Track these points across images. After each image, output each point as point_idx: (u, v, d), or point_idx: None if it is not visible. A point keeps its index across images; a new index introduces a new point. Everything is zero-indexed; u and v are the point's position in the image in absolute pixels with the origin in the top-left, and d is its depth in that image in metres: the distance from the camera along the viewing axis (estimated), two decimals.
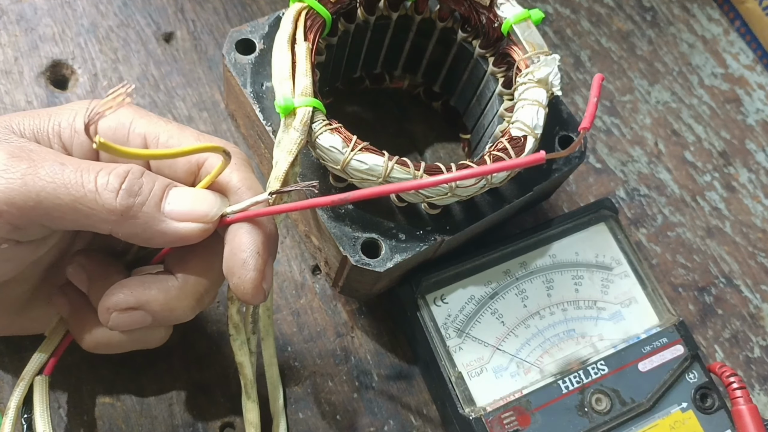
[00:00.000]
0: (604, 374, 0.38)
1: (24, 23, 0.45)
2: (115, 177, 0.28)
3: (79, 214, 0.28)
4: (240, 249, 0.29)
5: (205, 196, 0.29)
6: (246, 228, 0.29)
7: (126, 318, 0.30)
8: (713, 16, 0.57)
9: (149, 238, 0.29)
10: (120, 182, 0.28)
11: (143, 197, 0.28)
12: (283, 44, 0.35)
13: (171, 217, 0.29)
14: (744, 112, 0.54)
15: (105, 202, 0.28)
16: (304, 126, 0.33)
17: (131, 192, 0.28)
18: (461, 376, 0.37)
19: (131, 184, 0.28)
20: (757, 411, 0.38)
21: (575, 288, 0.40)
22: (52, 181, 0.27)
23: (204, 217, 0.29)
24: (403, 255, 0.35)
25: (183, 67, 0.46)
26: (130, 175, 0.28)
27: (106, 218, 0.28)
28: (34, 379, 0.34)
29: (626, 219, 0.48)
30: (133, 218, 0.28)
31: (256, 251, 0.29)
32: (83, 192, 0.27)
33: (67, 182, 0.27)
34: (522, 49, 0.38)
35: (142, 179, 0.29)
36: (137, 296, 0.30)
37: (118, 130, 0.31)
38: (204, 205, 0.29)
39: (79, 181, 0.27)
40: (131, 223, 0.28)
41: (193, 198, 0.29)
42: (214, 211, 0.29)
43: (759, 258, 0.49)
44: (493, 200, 0.38)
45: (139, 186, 0.28)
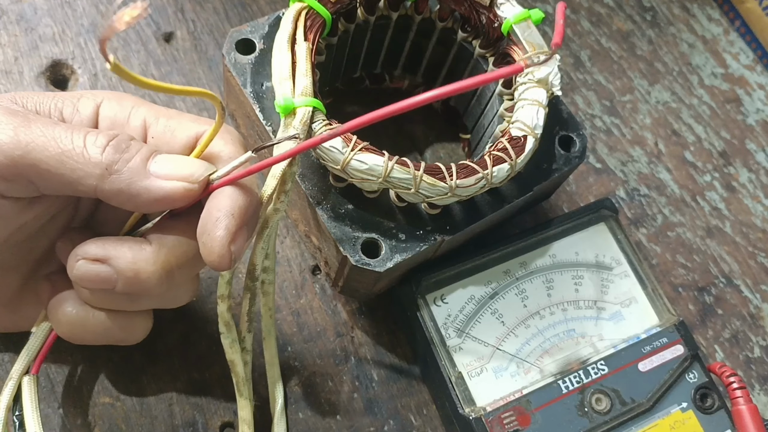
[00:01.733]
0: (604, 374, 0.38)
1: (24, 23, 0.45)
2: (103, 136, 0.29)
3: (65, 168, 0.28)
4: (216, 208, 0.29)
5: (192, 160, 0.30)
6: (227, 191, 0.30)
7: (92, 269, 0.30)
8: (713, 16, 0.57)
9: (134, 196, 0.29)
10: (108, 140, 0.29)
11: (129, 154, 0.29)
12: (283, 44, 0.35)
13: (156, 175, 0.29)
14: (744, 112, 0.54)
15: (91, 156, 0.28)
16: (304, 126, 0.33)
17: (118, 148, 0.29)
18: (461, 376, 0.37)
19: (119, 142, 0.29)
20: (757, 411, 0.38)
21: (575, 288, 0.40)
22: (43, 134, 0.28)
23: (189, 177, 0.29)
24: (403, 255, 0.35)
25: (183, 67, 0.46)
26: (119, 136, 0.29)
27: (90, 172, 0.28)
28: (21, 379, 0.34)
29: (626, 219, 0.48)
30: (117, 173, 0.28)
31: (230, 212, 0.29)
32: (71, 146, 0.28)
33: (57, 137, 0.28)
34: (522, 49, 0.38)
35: (130, 141, 0.29)
36: (107, 249, 0.30)
37: (119, 114, 0.31)
38: (190, 166, 0.30)
39: (69, 137, 0.28)
40: (115, 178, 0.28)
41: (179, 160, 0.30)
42: (200, 172, 0.30)
43: (759, 258, 0.49)
44: (493, 200, 0.38)
45: (127, 145, 0.29)
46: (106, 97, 0.32)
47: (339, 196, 0.36)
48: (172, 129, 0.32)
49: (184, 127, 0.32)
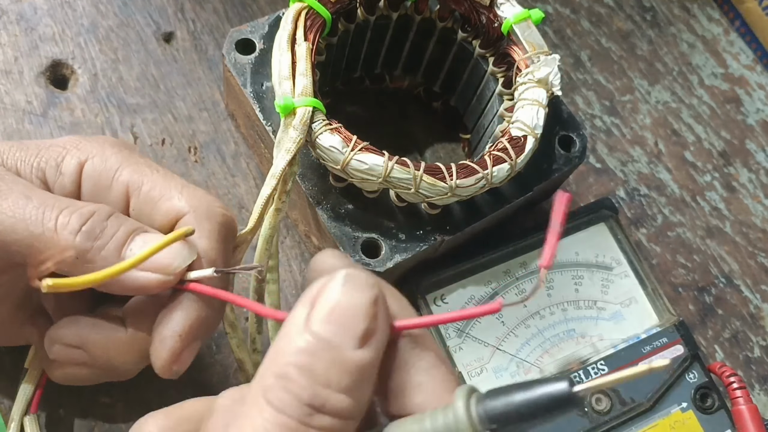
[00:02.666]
0: (604, 374, 0.38)
1: (24, 23, 0.45)
2: (77, 217, 0.27)
3: (35, 251, 0.27)
4: (166, 325, 0.28)
5: (170, 248, 0.28)
6: (183, 305, 0.29)
7: (67, 353, 0.30)
8: (713, 16, 0.57)
9: (106, 284, 0.28)
10: (81, 223, 0.27)
11: (103, 241, 0.27)
12: (283, 44, 0.35)
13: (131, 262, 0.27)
14: (744, 112, 0.54)
15: (62, 243, 0.27)
16: (304, 125, 0.33)
17: (91, 234, 0.27)
18: (461, 376, 0.37)
19: (93, 226, 0.27)
20: (757, 411, 0.38)
21: (575, 288, 0.40)
22: (12, 215, 0.27)
23: (166, 268, 0.28)
24: (403, 255, 0.35)
25: (183, 67, 0.46)
26: (94, 217, 0.27)
27: (62, 259, 0.27)
28: (23, 420, 0.34)
29: (626, 219, 0.48)
30: (90, 262, 0.27)
31: (178, 333, 0.28)
32: (41, 230, 0.27)
33: (27, 217, 0.27)
34: (522, 49, 0.38)
35: (106, 222, 0.28)
36: (82, 337, 0.30)
37: (102, 176, 0.30)
38: (167, 256, 0.28)
39: (39, 218, 0.27)
40: (87, 267, 0.27)
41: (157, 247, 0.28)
42: (177, 263, 0.28)
43: (759, 258, 0.49)
44: (493, 200, 0.38)
45: (102, 229, 0.27)
46: (91, 154, 0.30)
47: (339, 196, 0.36)
48: (154, 201, 0.30)
49: (166, 202, 0.30)
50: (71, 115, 0.43)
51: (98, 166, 0.30)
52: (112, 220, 0.28)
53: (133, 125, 0.44)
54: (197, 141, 0.44)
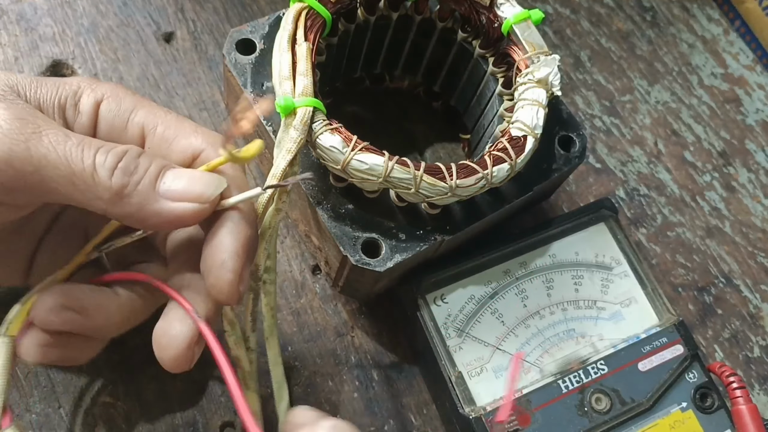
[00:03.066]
0: (604, 374, 0.38)
1: (24, 23, 0.45)
2: (113, 156, 0.28)
3: (75, 189, 0.28)
4: (220, 249, 0.29)
5: (202, 176, 0.29)
6: (228, 228, 0.29)
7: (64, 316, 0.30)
8: (713, 16, 0.57)
9: (144, 218, 0.29)
10: (116, 161, 0.28)
11: (138, 176, 0.28)
12: (284, 44, 0.35)
13: (166, 196, 0.28)
14: (744, 112, 0.54)
15: (101, 180, 0.28)
16: (304, 125, 0.33)
17: (127, 171, 0.28)
18: (461, 375, 0.37)
19: (127, 163, 0.28)
20: (756, 411, 0.38)
21: (575, 288, 0.40)
22: (54, 150, 0.27)
23: (200, 197, 0.29)
24: (403, 255, 0.35)
25: (183, 67, 0.46)
26: (127, 155, 0.28)
27: (100, 196, 0.28)
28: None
29: (626, 219, 0.48)
30: (128, 197, 0.28)
31: (235, 252, 0.29)
32: (81, 167, 0.27)
33: (68, 154, 0.27)
34: (522, 49, 0.38)
35: (138, 159, 0.29)
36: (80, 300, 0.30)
37: (118, 118, 0.31)
38: (200, 184, 0.29)
39: (80, 156, 0.27)
40: (125, 202, 0.28)
41: (189, 177, 0.29)
42: (210, 191, 0.29)
43: (759, 258, 0.49)
44: (493, 200, 0.38)
45: (135, 165, 0.28)
46: (106, 94, 0.31)
47: (339, 196, 0.36)
48: (169, 141, 0.31)
49: (182, 140, 0.31)
50: None
51: (113, 107, 0.31)
52: (143, 157, 0.29)
53: None
54: None
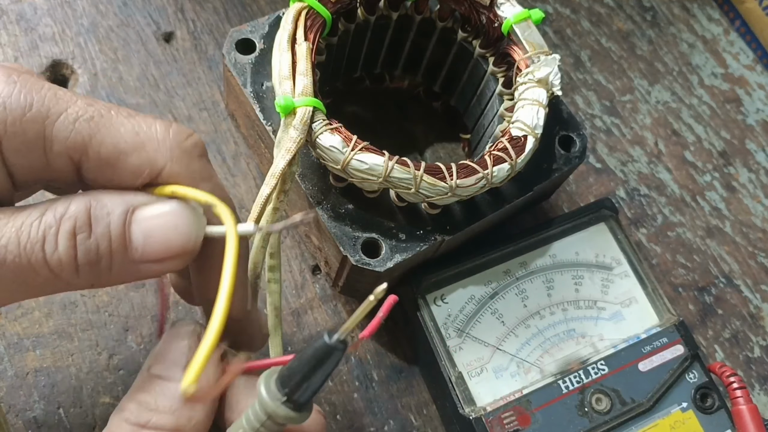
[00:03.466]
0: (604, 374, 0.38)
1: (24, 23, 0.45)
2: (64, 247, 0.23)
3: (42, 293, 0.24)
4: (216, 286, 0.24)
5: (176, 223, 0.24)
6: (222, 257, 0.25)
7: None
8: (713, 16, 0.57)
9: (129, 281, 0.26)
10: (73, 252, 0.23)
11: (106, 258, 0.23)
12: (284, 44, 0.35)
13: (144, 260, 0.24)
14: (744, 112, 0.54)
15: (67, 281, 0.23)
16: (304, 125, 0.33)
17: (90, 260, 0.23)
18: (461, 376, 0.37)
19: (86, 250, 0.23)
20: (757, 411, 0.38)
21: (575, 288, 0.40)
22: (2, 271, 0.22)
23: (181, 250, 0.24)
24: (403, 255, 0.35)
25: (183, 67, 0.46)
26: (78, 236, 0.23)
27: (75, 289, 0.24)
28: None
29: (626, 219, 0.48)
30: (106, 283, 0.24)
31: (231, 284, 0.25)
32: (42, 280, 0.23)
33: (16, 269, 0.22)
34: (522, 49, 0.38)
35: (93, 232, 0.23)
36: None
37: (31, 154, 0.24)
38: (179, 235, 0.24)
39: (28, 268, 0.22)
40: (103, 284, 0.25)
41: (163, 230, 0.24)
42: (192, 240, 0.24)
43: (759, 258, 0.49)
44: (493, 200, 0.38)
45: (96, 245, 0.23)
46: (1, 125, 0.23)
47: (339, 196, 0.36)
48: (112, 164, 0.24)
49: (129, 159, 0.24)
50: None
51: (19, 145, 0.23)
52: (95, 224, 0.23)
53: None
54: None
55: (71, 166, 0.24)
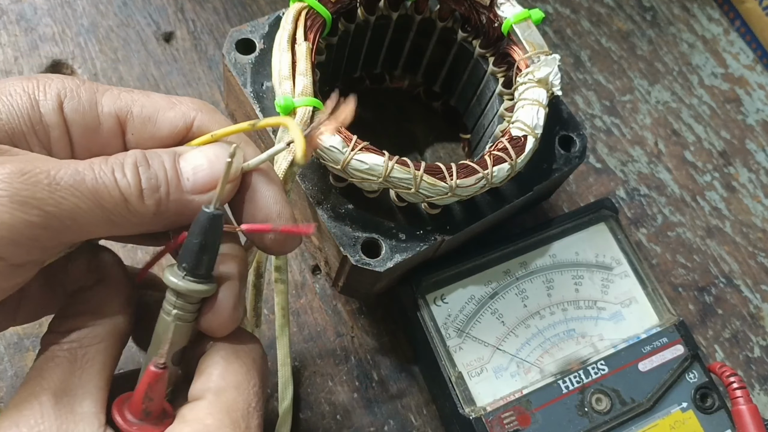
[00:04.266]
0: (604, 374, 0.38)
1: (24, 23, 0.45)
2: (131, 174, 0.26)
3: (112, 225, 0.26)
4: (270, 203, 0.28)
5: (217, 153, 0.28)
6: (264, 179, 0.29)
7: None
8: (713, 16, 0.57)
9: (182, 221, 0.28)
10: (138, 179, 0.26)
11: (164, 186, 0.27)
12: (284, 44, 0.35)
13: (196, 190, 0.27)
14: (744, 112, 0.54)
15: (137, 208, 0.26)
16: (304, 125, 0.33)
17: (153, 187, 0.26)
18: (461, 376, 0.37)
19: (148, 177, 0.27)
20: (757, 411, 0.38)
21: (575, 288, 0.40)
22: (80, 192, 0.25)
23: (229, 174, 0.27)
24: (403, 255, 0.35)
25: (183, 67, 0.46)
26: (140, 167, 0.27)
27: (139, 222, 0.27)
28: None
29: (626, 219, 0.48)
30: (165, 212, 0.27)
31: (284, 200, 0.28)
32: (113, 201, 0.26)
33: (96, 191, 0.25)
34: (522, 49, 0.38)
35: (150, 165, 0.27)
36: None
37: (87, 115, 0.28)
38: (221, 163, 0.27)
39: (105, 187, 0.26)
40: (164, 217, 0.27)
41: (208, 162, 0.27)
42: (234, 167, 0.27)
43: (759, 258, 0.49)
44: (493, 200, 0.38)
45: (155, 174, 0.27)
46: (61, 91, 0.28)
47: (339, 196, 0.36)
48: (153, 120, 0.29)
49: (166, 113, 0.29)
50: None
51: (76, 104, 0.28)
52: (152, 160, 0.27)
53: None
54: None
55: (118, 128, 0.29)
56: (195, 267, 0.27)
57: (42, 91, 0.28)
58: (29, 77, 0.28)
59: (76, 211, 0.25)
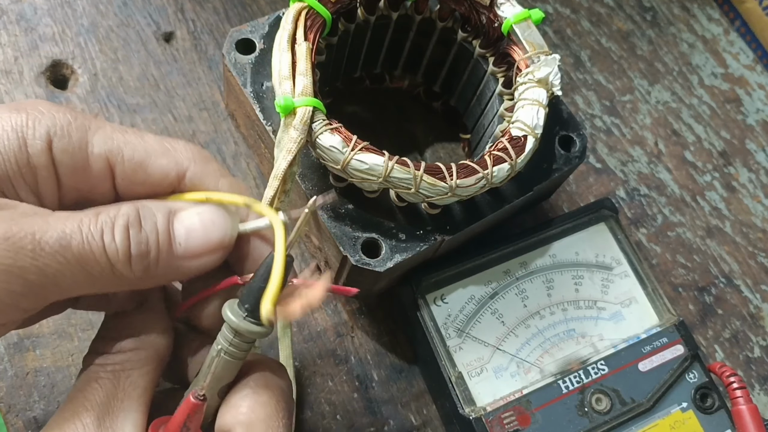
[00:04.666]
0: (604, 374, 0.38)
1: (24, 23, 0.45)
2: (121, 238, 0.25)
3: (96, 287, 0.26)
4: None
5: (213, 219, 0.27)
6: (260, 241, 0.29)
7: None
8: (713, 16, 0.57)
9: (166, 281, 0.27)
10: (127, 243, 0.25)
11: (154, 251, 0.26)
12: (284, 44, 0.35)
13: (186, 256, 0.27)
14: (744, 112, 0.54)
15: (123, 274, 0.26)
16: (304, 125, 0.33)
17: (142, 252, 0.26)
18: (461, 376, 0.37)
19: (138, 243, 0.26)
20: (757, 411, 0.38)
21: (575, 288, 0.40)
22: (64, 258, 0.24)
23: (220, 244, 0.27)
24: (403, 255, 0.35)
25: (183, 67, 0.46)
26: (131, 230, 0.26)
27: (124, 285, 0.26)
28: None
29: (626, 219, 0.48)
30: (152, 277, 0.26)
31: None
32: (99, 267, 0.25)
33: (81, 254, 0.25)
34: (522, 49, 0.38)
35: (142, 228, 0.26)
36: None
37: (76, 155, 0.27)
38: (216, 230, 0.27)
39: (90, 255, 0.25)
40: (150, 281, 0.27)
41: (203, 226, 0.27)
42: (228, 234, 0.27)
43: (759, 258, 0.49)
44: (493, 200, 0.38)
45: (146, 239, 0.26)
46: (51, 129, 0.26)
47: (339, 196, 0.36)
48: (143, 165, 0.28)
49: (158, 160, 0.28)
50: None
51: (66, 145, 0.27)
52: (144, 222, 0.26)
53: (133, 125, 0.44)
54: (197, 141, 0.44)
55: (108, 171, 0.28)
56: (257, 309, 0.26)
57: (31, 128, 0.26)
58: (19, 108, 0.27)
59: (59, 277, 0.24)
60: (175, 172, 0.28)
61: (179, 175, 0.28)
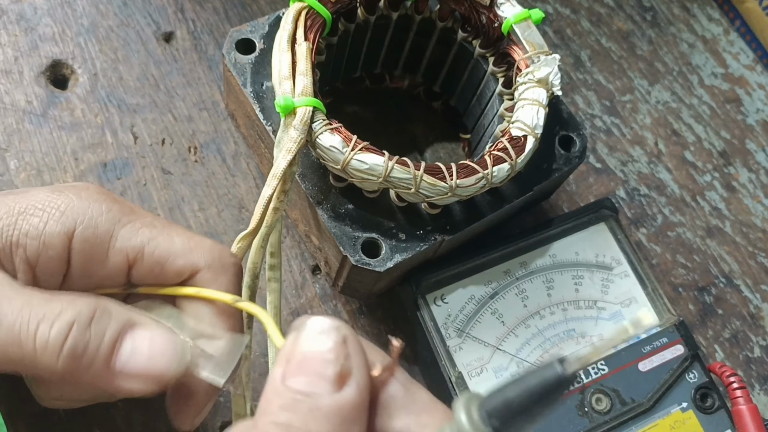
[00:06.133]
0: (604, 374, 0.38)
1: (24, 23, 0.45)
2: (57, 332, 0.24)
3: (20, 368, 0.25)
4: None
5: (163, 350, 0.26)
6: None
7: None
8: (713, 16, 0.57)
9: (98, 388, 0.26)
10: (63, 338, 0.24)
11: (89, 356, 0.25)
12: (284, 44, 0.35)
13: (122, 374, 0.25)
14: (744, 112, 0.54)
15: (46, 363, 0.24)
16: (304, 125, 0.33)
17: (75, 352, 0.24)
18: (461, 376, 0.37)
19: (75, 342, 0.24)
20: (757, 411, 0.38)
21: (575, 288, 0.40)
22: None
23: (158, 377, 0.26)
24: (403, 255, 0.35)
25: (183, 67, 0.46)
26: (75, 327, 0.25)
27: (48, 375, 0.25)
28: None
29: (626, 219, 0.48)
30: (77, 380, 0.25)
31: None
32: (21, 353, 0.24)
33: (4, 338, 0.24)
34: (522, 49, 0.38)
35: (89, 330, 0.25)
36: None
37: (96, 247, 0.27)
38: (161, 362, 0.26)
39: (17, 338, 0.24)
40: (75, 381, 0.26)
41: (149, 353, 0.26)
42: (173, 369, 0.26)
43: (759, 258, 0.49)
44: (493, 200, 0.38)
45: (85, 342, 0.25)
46: (79, 220, 0.27)
47: (339, 196, 0.36)
48: (162, 263, 0.28)
49: (177, 260, 0.28)
50: (71, 115, 0.43)
51: (89, 235, 0.27)
52: (95, 324, 0.25)
53: (133, 125, 0.44)
54: (197, 141, 0.44)
55: (125, 265, 0.28)
56: (504, 425, 0.20)
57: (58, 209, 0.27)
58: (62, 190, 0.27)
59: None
60: (189, 272, 0.28)
61: (191, 275, 0.29)
